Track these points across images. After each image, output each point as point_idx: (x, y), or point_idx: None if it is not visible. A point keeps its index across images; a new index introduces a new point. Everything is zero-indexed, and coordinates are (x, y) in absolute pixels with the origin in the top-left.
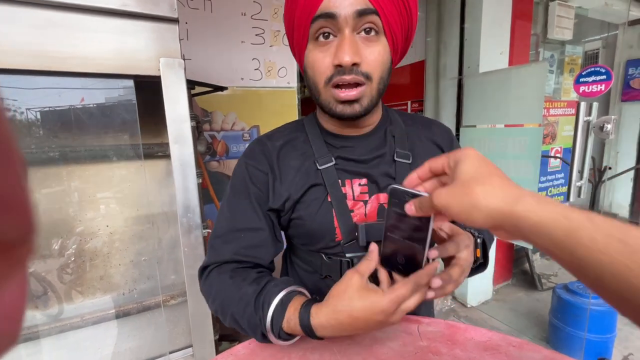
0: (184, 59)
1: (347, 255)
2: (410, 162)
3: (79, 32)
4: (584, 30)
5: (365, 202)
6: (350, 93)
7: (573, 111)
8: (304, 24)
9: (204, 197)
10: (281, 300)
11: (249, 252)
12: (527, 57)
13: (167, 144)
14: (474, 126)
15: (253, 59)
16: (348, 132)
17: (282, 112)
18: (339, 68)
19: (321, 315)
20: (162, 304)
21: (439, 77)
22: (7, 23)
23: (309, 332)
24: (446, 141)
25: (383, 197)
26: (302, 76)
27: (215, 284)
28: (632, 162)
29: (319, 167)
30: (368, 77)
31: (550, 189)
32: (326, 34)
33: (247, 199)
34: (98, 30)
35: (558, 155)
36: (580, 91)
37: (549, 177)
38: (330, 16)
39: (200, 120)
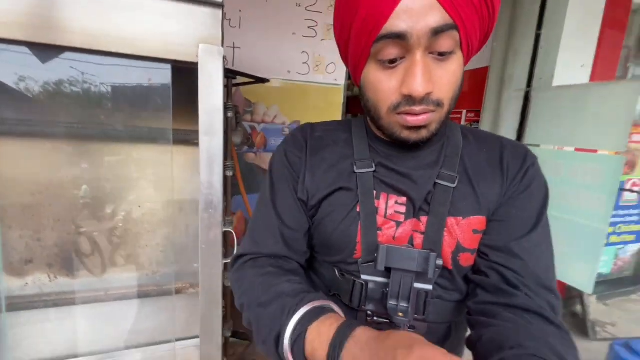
0: (233, 48)
1: (363, 277)
2: (454, 186)
3: (119, 11)
4: None
5: (398, 224)
6: (420, 118)
7: None
8: (363, 43)
9: (233, 188)
10: (313, 310)
11: (290, 244)
12: (614, 73)
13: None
14: (538, 146)
15: (302, 52)
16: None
17: (326, 110)
18: (408, 98)
19: (357, 348)
20: (174, 291)
21: (503, 87)
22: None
23: (335, 350)
24: (517, 163)
25: (417, 224)
26: (352, 80)
27: (247, 278)
28: None
29: (356, 171)
30: (439, 104)
31: (620, 225)
32: (393, 60)
33: (287, 187)
34: (138, 10)
35: (636, 189)
36: None
37: (621, 212)
38: (399, 37)
39: (240, 111)
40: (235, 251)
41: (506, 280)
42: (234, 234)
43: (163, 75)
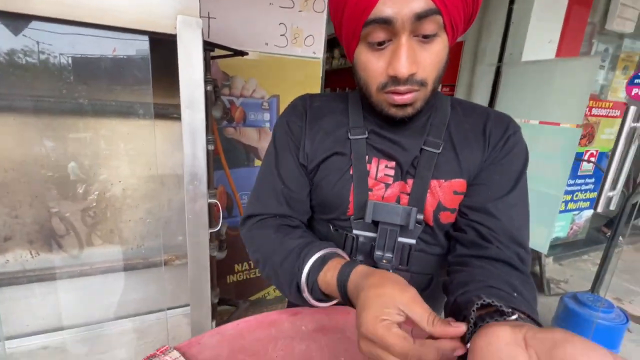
0: (208, 18)
1: (354, 231)
2: (439, 151)
3: None
4: None
5: (387, 185)
6: (405, 97)
7: (618, 113)
8: (353, 25)
9: (215, 163)
10: (324, 255)
11: (292, 205)
12: (578, 48)
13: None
14: None
15: (280, 23)
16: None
17: (305, 83)
18: (394, 78)
19: (354, 280)
20: (163, 263)
21: (477, 61)
22: None
23: (342, 288)
24: (499, 131)
25: (404, 186)
26: (329, 47)
27: (258, 237)
28: None
29: (350, 137)
30: (423, 84)
31: (577, 193)
32: (380, 42)
33: (290, 154)
34: None
35: (592, 159)
36: (633, 94)
37: (578, 181)
38: (385, 22)
39: (218, 85)
40: (220, 223)
41: (481, 236)
42: (219, 204)
43: (141, 47)
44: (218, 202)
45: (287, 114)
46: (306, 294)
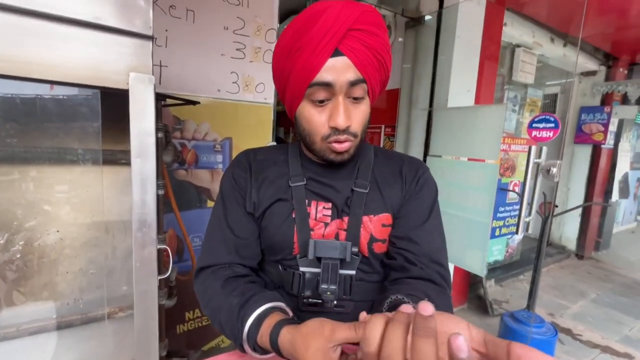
0: (160, 66)
1: (301, 269)
2: (367, 191)
3: (48, 40)
4: (545, 75)
5: (326, 224)
6: (343, 146)
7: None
8: (299, 87)
9: (165, 206)
10: (259, 315)
11: (241, 252)
12: (492, 95)
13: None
14: (440, 156)
15: (232, 72)
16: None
17: (257, 126)
18: (334, 130)
19: (285, 340)
20: (107, 316)
21: (412, 106)
22: None
23: (276, 349)
24: (412, 173)
25: (341, 223)
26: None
27: (209, 290)
28: (581, 199)
29: (291, 184)
30: (355, 135)
31: (507, 219)
32: (321, 100)
33: (237, 204)
34: (69, 39)
35: (515, 189)
36: (532, 135)
37: (507, 208)
38: (327, 85)
39: (169, 130)
40: (170, 269)
41: (407, 260)
42: (169, 249)
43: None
44: (168, 247)
45: (232, 168)
46: (250, 352)
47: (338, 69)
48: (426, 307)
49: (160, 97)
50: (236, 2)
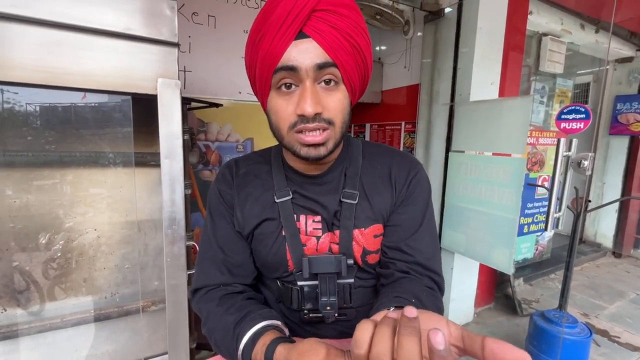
0: (184, 71)
1: (299, 283)
2: (356, 202)
3: (83, 51)
4: (575, 63)
5: (318, 238)
6: (317, 138)
7: None
8: (265, 75)
9: (192, 205)
10: (254, 334)
11: (234, 272)
12: (517, 88)
13: (159, 154)
14: (463, 152)
15: None
16: (307, 169)
17: None
18: (302, 117)
19: (281, 357)
20: (141, 310)
21: (432, 101)
22: (16, 40)
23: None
24: (402, 176)
25: (332, 236)
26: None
27: (204, 310)
28: (617, 194)
29: (277, 200)
30: (330, 123)
31: (537, 215)
32: (288, 85)
33: (225, 221)
34: (102, 49)
35: (544, 184)
36: (561, 127)
37: (536, 204)
38: (291, 69)
39: (194, 132)
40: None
41: (399, 269)
42: (196, 245)
43: (125, 104)
44: (195, 244)
45: (217, 184)
46: None
47: (302, 52)
48: (411, 311)
49: (185, 101)
50: (255, 5)
